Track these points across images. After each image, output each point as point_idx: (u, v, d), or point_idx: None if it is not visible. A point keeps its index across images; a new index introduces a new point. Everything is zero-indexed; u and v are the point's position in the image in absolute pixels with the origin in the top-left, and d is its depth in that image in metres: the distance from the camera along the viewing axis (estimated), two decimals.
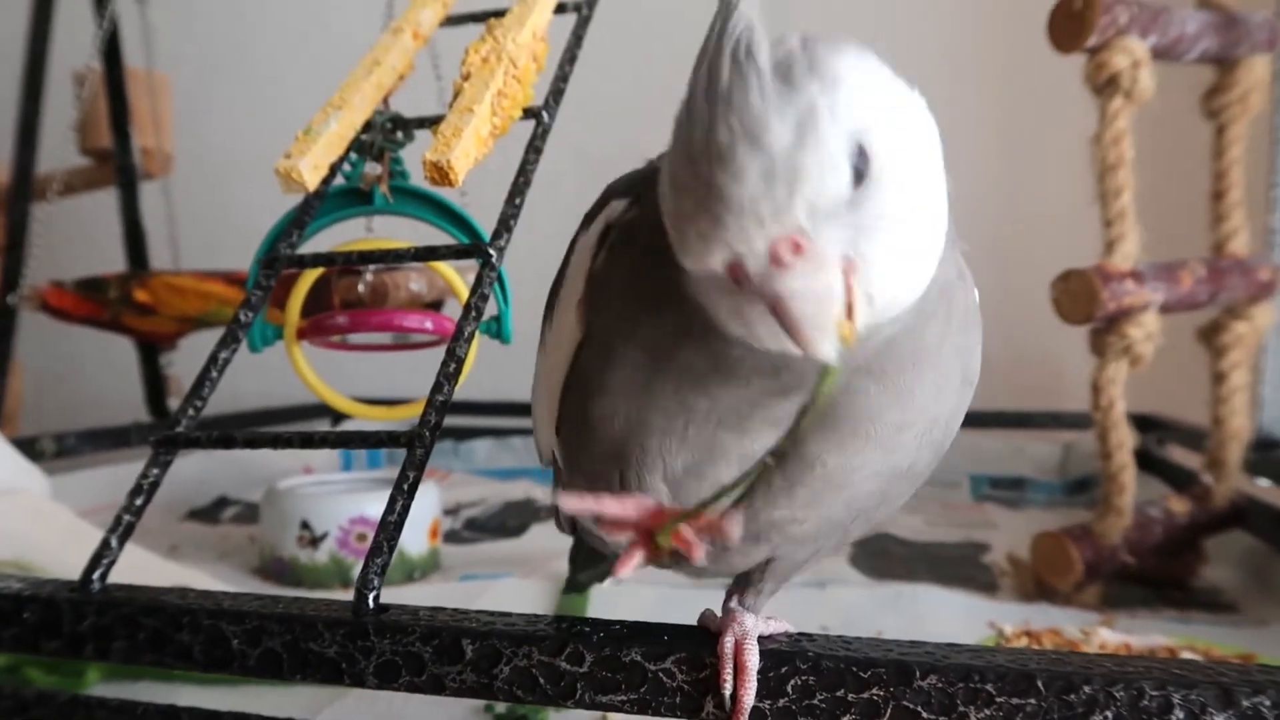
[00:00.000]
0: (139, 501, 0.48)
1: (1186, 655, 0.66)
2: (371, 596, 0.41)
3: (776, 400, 0.35)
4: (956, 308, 0.37)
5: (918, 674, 0.34)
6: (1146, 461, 1.29)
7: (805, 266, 0.28)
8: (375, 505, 0.99)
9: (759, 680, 0.35)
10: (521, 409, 1.66)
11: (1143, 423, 1.39)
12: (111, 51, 1.54)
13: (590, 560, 0.59)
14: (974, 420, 0.44)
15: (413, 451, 0.46)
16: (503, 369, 1.62)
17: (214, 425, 1.46)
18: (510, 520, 1.30)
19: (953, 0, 1.77)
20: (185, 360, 1.53)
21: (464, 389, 0.73)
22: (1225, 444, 1.01)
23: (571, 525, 0.54)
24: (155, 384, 1.61)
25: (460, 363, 0.50)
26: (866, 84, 0.30)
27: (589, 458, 0.39)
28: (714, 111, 0.29)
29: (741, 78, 0.29)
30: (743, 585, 0.43)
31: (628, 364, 0.37)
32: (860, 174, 0.29)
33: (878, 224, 0.30)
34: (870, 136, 0.29)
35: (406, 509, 0.44)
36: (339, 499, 1.02)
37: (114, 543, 0.47)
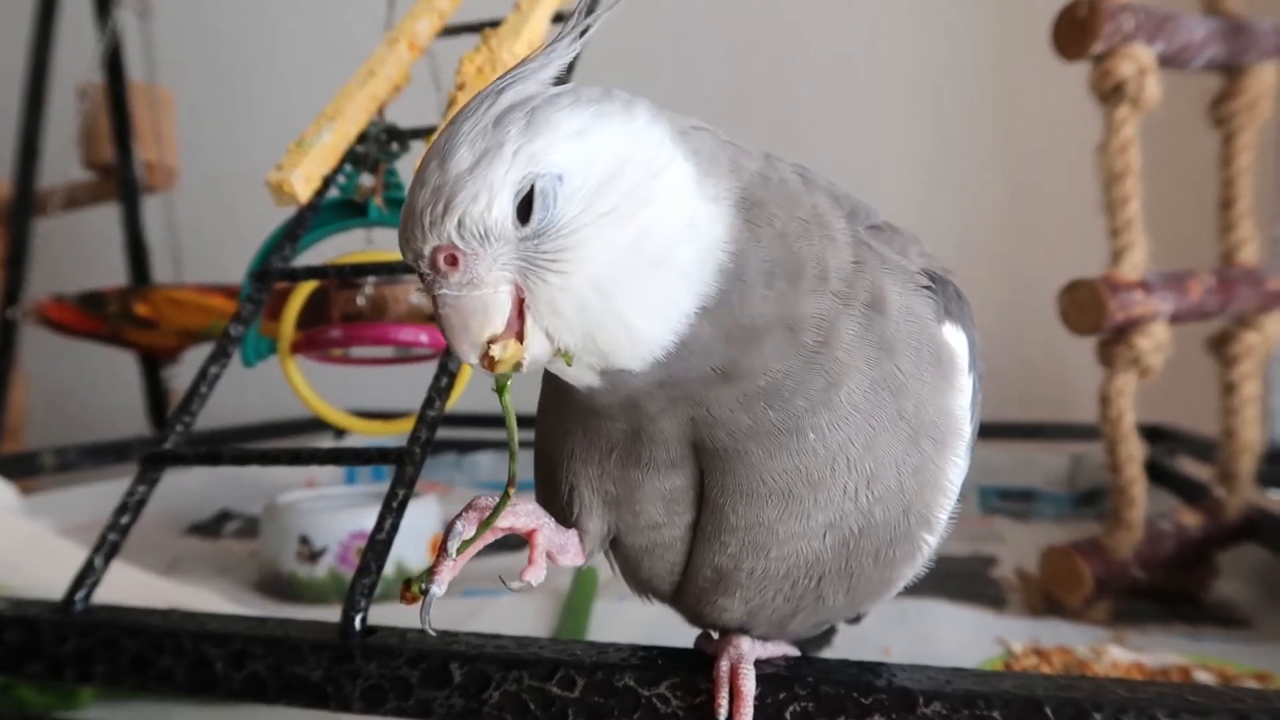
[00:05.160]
0: (125, 520, 0.47)
1: (1200, 675, 0.64)
2: (358, 619, 0.40)
3: (646, 444, 0.36)
4: (856, 344, 0.35)
5: (921, 700, 0.33)
6: (1157, 473, 1.27)
7: (460, 278, 0.31)
8: (374, 519, 0.98)
9: (755, 706, 0.34)
10: (526, 422, 1.64)
11: (1153, 434, 1.37)
12: (114, 65, 1.54)
13: None
14: (982, 432, 0.43)
15: (402, 469, 0.45)
16: None
17: (216, 439, 1.45)
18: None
19: (956, 8, 1.76)
20: (189, 374, 1.52)
21: (466, 401, 0.71)
22: (1237, 456, 0.99)
23: None
24: (157, 397, 1.60)
25: (452, 377, 0.49)
26: (581, 142, 0.31)
27: (540, 483, 0.41)
28: (449, 124, 0.32)
29: (479, 105, 0.32)
30: None
31: (552, 397, 0.39)
32: (528, 213, 0.31)
33: (551, 265, 0.31)
34: (560, 185, 0.31)
35: (395, 527, 0.43)
36: (338, 513, 1.01)
37: (98, 562, 0.46)
